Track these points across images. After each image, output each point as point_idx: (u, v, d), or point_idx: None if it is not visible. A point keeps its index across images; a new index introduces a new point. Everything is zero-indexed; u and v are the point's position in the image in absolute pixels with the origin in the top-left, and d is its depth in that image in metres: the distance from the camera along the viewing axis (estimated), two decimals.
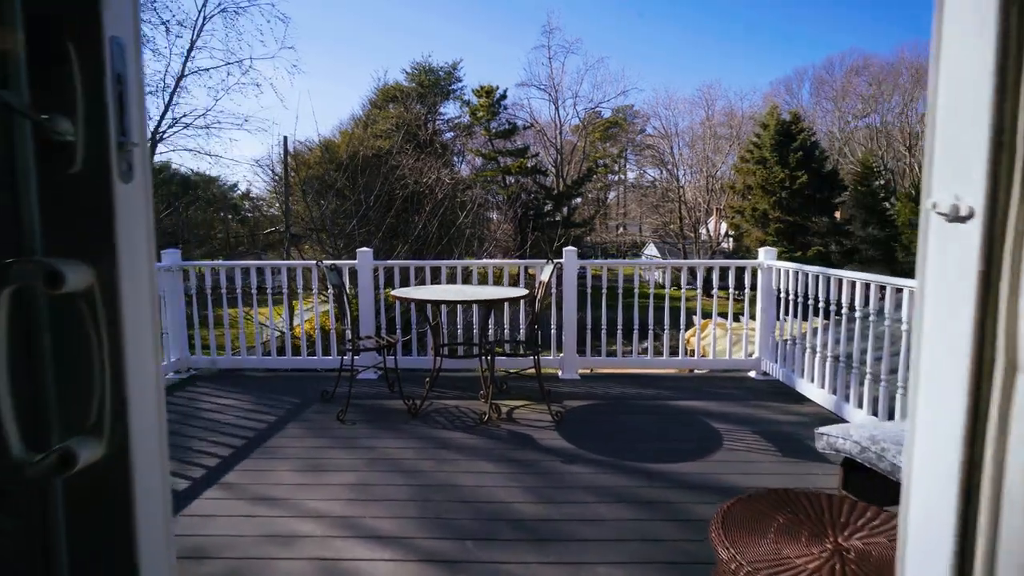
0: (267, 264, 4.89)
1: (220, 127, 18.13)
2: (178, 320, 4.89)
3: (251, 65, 15.82)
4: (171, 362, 4.87)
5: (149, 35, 15.46)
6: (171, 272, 4.81)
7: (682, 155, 45.08)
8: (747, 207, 27.47)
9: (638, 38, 64.41)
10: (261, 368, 5.07)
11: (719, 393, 4.44)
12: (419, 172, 19.29)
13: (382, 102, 33.10)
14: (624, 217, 58.52)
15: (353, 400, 4.18)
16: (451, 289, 4.24)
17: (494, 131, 34.67)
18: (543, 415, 3.89)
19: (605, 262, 4.67)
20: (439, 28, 62.96)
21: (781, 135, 26.55)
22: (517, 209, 30.56)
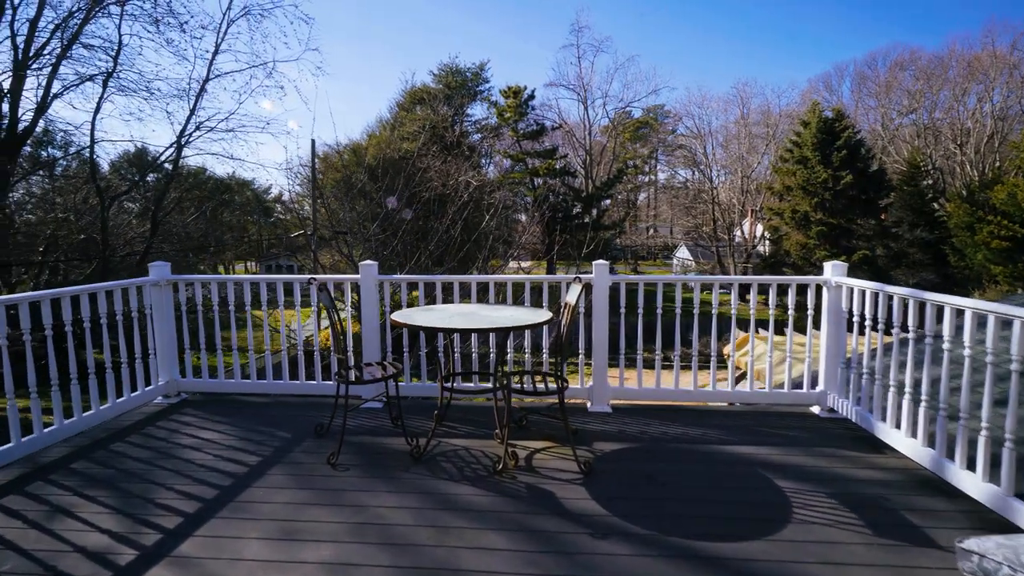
0: (262, 278, 4.41)
1: (244, 131, 18.02)
2: (167, 339, 4.46)
3: (274, 67, 15.59)
4: (159, 386, 4.43)
5: (175, 39, 15.44)
6: (159, 287, 4.37)
7: (715, 155, 43.76)
8: (786, 209, 26.19)
9: (670, 35, 63.00)
10: (258, 393, 4.60)
11: (777, 435, 3.75)
12: (445, 174, 18.88)
13: (409, 104, 32.95)
14: (655, 219, 57.23)
15: (350, 436, 3.65)
16: (464, 310, 3.66)
17: (522, 132, 34.11)
18: (568, 462, 3.28)
19: (641, 277, 4.04)
20: (467, 27, 62.85)
21: (823, 133, 25.22)
22: (545, 211, 29.90)
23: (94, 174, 14.97)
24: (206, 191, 25.31)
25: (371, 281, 4.26)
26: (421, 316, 3.38)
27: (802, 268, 25.37)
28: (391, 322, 3.35)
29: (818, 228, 24.94)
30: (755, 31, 64.37)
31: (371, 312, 4.27)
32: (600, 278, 4.13)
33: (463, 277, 4.33)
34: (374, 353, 4.34)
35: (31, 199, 21.85)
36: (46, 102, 14.84)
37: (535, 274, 27.26)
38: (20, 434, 3.32)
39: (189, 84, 15.12)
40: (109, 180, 21.74)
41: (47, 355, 3.47)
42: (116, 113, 51.48)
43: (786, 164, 27.20)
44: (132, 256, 16.08)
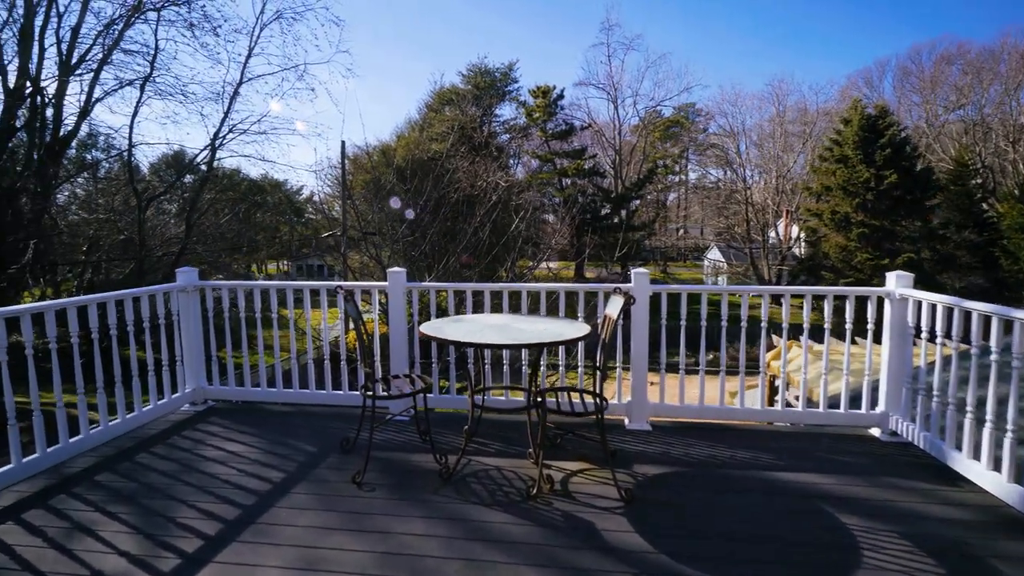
0: (289, 285, 4.30)
1: (276, 133, 18.25)
2: (194, 346, 4.39)
3: (305, 70, 15.70)
4: (185, 393, 4.37)
5: (209, 43, 15.71)
6: (186, 293, 4.31)
7: (748, 155, 42.68)
8: (825, 210, 25.27)
9: (703, 31, 61.76)
10: (283, 402, 4.49)
11: (836, 461, 3.44)
12: (474, 175, 18.80)
13: (438, 105, 33.03)
14: (685, 220, 56.14)
15: (376, 451, 3.50)
16: (496, 322, 3.47)
17: (550, 132, 33.85)
18: (607, 487, 3.05)
19: (684, 287, 3.78)
20: (496, 27, 62.82)
21: (866, 131, 24.23)
22: (574, 212, 29.58)
23: (131, 176, 15.35)
24: (240, 192, 25.82)
25: (399, 289, 4.11)
26: (451, 329, 3.20)
27: (842, 272, 24.45)
28: (419, 334, 3.18)
29: (859, 230, 23.97)
30: (791, 26, 62.64)
31: (399, 321, 4.12)
32: (640, 287, 3.88)
33: (494, 285, 4.14)
34: (402, 363, 4.18)
35: (75, 201, 22.62)
36: (88, 106, 15.26)
37: (564, 276, 26.91)
38: (46, 444, 3.26)
39: (223, 87, 15.38)
40: (148, 182, 22.35)
41: (74, 364, 3.42)
42: (153, 116, 53.13)
43: (825, 163, 26.25)
44: (168, 256, 16.44)
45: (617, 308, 3.02)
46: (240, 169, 27.48)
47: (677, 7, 62.32)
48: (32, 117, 14.35)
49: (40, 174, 13.64)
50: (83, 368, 3.44)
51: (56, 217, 17.72)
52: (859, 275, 23.89)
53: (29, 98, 14.16)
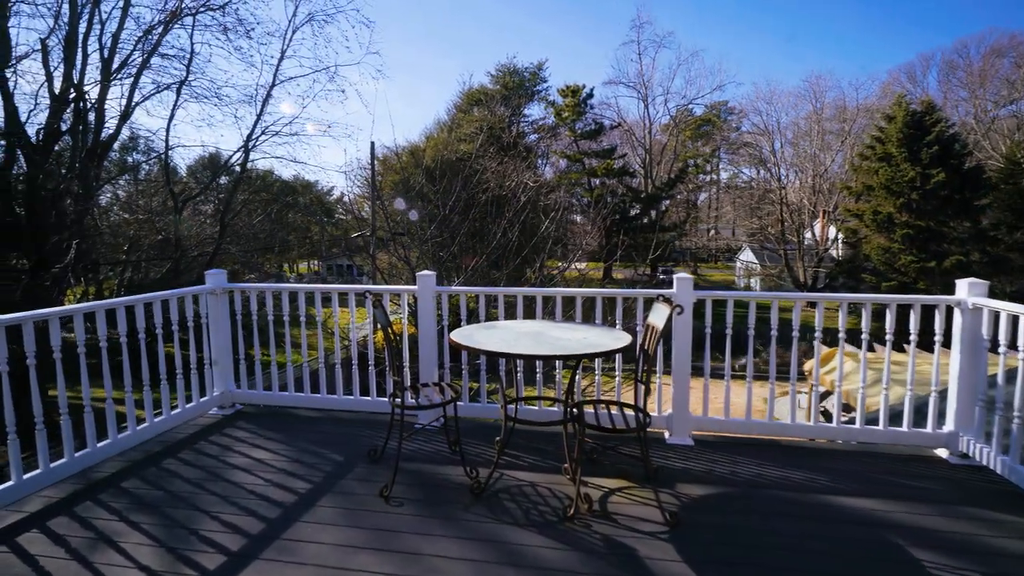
0: (317, 288, 4.21)
1: (307, 134, 18.46)
2: (223, 349, 4.33)
3: (336, 72, 15.85)
4: (213, 396, 4.31)
5: (243, 46, 15.96)
6: (215, 296, 4.25)
7: (783, 153, 41.47)
8: (867, 210, 24.29)
9: (738, 27, 60.39)
10: (311, 407, 4.40)
11: (901, 486, 3.15)
12: (502, 176, 18.66)
13: (466, 105, 33.05)
14: (716, 220, 54.92)
15: (404, 462, 3.36)
16: (530, 329, 3.29)
17: (579, 132, 33.51)
18: (649, 508, 2.84)
19: (730, 293, 3.54)
20: (526, 25, 62.61)
21: (910, 128, 23.21)
22: (604, 213, 29.20)
23: (168, 178, 15.70)
24: (272, 193, 26.28)
25: (429, 292, 3.96)
26: (483, 336, 3.03)
27: (884, 274, 23.46)
28: (449, 341, 3.02)
29: (903, 231, 22.96)
30: (829, 22, 60.75)
31: (429, 326, 3.98)
32: (683, 293, 3.65)
33: (527, 290, 3.96)
34: (431, 370, 4.04)
35: (116, 202, 23.36)
36: (129, 110, 15.68)
37: (592, 277, 26.55)
38: (74, 449, 3.22)
39: (256, 90, 15.63)
40: (185, 184, 22.95)
41: (102, 367, 3.37)
42: (188, 119, 54.55)
43: (866, 162, 25.25)
44: (203, 256, 16.79)
45: (662, 318, 2.81)
46: (273, 170, 27.99)
47: (711, 3, 61.11)
48: (76, 121, 14.81)
49: (83, 176, 14.06)
50: (111, 372, 3.40)
51: (99, 218, 18.33)
52: (903, 278, 22.89)
53: (73, 102, 14.61)
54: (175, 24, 15.37)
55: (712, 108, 43.63)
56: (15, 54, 13.52)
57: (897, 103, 24.73)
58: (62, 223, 13.50)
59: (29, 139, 14.15)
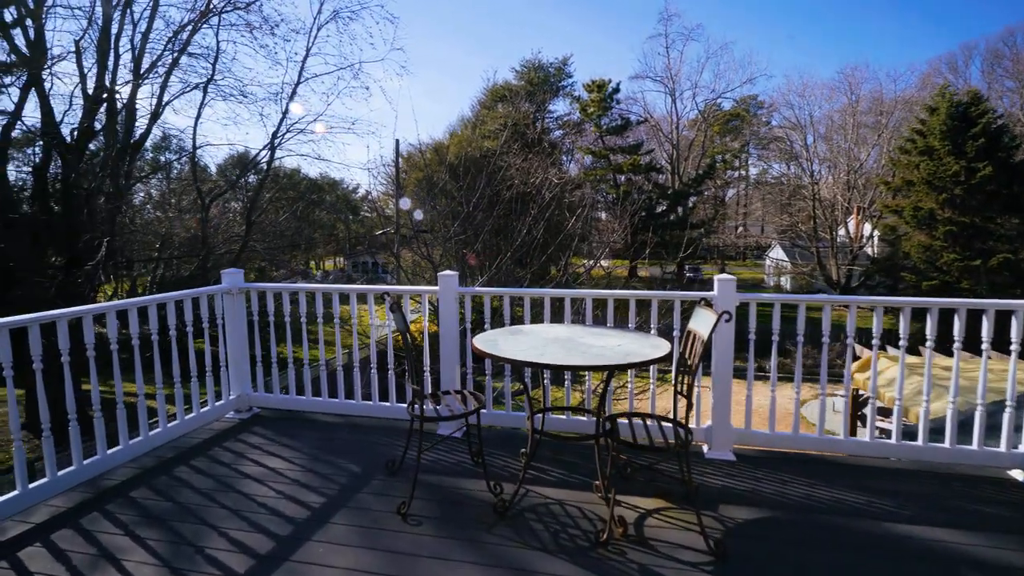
0: (336, 289, 4.03)
1: (332, 132, 18.49)
2: (240, 351, 4.20)
3: (360, 68, 15.79)
4: (229, 400, 4.18)
5: (268, 44, 16.00)
6: (231, 295, 4.12)
7: (816, 148, 40.18)
8: (907, 206, 23.30)
9: (769, 19, 58.80)
10: (329, 413, 4.23)
11: (976, 513, 2.82)
12: (526, 172, 18.41)
13: (491, 102, 32.86)
14: (745, 217, 53.60)
15: (423, 474, 3.16)
16: (559, 334, 3.04)
17: (605, 127, 33.00)
18: (691, 534, 2.58)
19: (777, 296, 3.22)
20: (550, 22, 62.04)
21: (955, 120, 22.14)
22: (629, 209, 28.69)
23: (195, 176, 15.87)
24: (299, 191, 26.54)
25: (451, 294, 3.75)
26: (508, 343, 2.80)
27: (925, 273, 22.48)
28: (473, 348, 2.80)
29: (946, 228, 21.94)
30: (867, 10, 58.66)
31: (450, 329, 3.76)
32: (725, 297, 3.36)
33: (555, 292, 3.71)
34: (453, 375, 3.83)
35: (149, 200, 23.87)
36: (159, 109, 15.90)
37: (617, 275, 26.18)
38: (83, 456, 3.10)
39: (281, 88, 15.66)
40: (215, 182, 23.30)
41: (113, 371, 3.25)
42: (215, 118, 55.47)
43: (906, 156, 24.21)
44: (229, 254, 16.97)
45: (707, 325, 2.53)
46: (300, 169, 28.24)
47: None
48: (109, 120, 15.08)
49: (114, 175, 14.30)
50: (122, 374, 3.28)
51: (132, 216, 18.72)
52: (945, 277, 21.90)
53: (105, 102, 14.87)
54: (204, 24, 15.53)
55: (741, 102, 42.57)
56: (50, 56, 13.82)
57: (940, 94, 23.64)
58: (94, 221, 13.75)
59: (64, 139, 14.46)
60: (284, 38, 17.01)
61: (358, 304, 3.94)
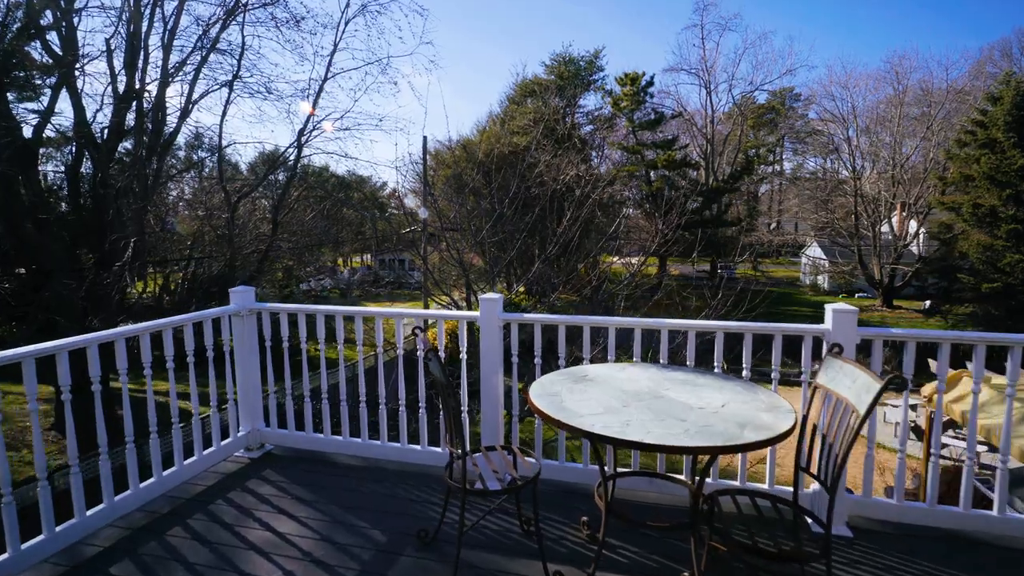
0: (358, 312, 3.45)
1: (360, 128, 18.08)
2: (250, 381, 3.66)
3: (388, 63, 15.30)
4: (238, 437, 3.65)
5: (295, 39, 15.64)
6: (241, 318, 3.57)
7: (859, 142, 38.29)
8: (965, 202, 21.77)
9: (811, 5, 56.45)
10: (351, 456, 3.65)
11: None
12: (556, 169, 17.72)
13: (520, 97, 32.13)
14: (780, 214, 51.61)
15: (466, 547, 2.55)
16: (638, 385, 2.39)
17: (638, 122, 31.95)
18: None
19: (910, 332, 2.49)
20: (582, 13, 60.75)
21: (1021, 109, 20.52)
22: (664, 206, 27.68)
23: (221, 175, 15.64)
24: (328, 189, 26.32)
25: (494, 322, 3.13)
26: (576, 400, 2.16)
27: (984, 274, 20.96)
28: (530, 404, 2.17)
29: (1010, 226, 20.38)
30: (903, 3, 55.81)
31: (493, 367, 3.14)
32: (843, 330, 2.64)
33: (621, 321, 3.03)
34: (496, 426, 3.20)
35: (181, 198, 23.94)
36: (188, 107, 15.69)
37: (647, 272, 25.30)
38: (54, 521, 2.58)
39: (308, 84, 15.31)
40: (246, 180, 23.23)
41: (95, 414, 2.73)
42: (241, 116, 55.83)
43: (965, 149, 22.63)
44: (256, 253, 16.73)
45: (863, 392, 1.83)
46: (329, 166, 28.03)
47: None
48: (139, 119, 14.93)
49: (142, 174, 14.13)
50: (107, 420, 2.76)
51: (165, 214, 18.69)
52: (1007, 279, 20.38)
53: (135, 101, 14.72)
54: (232, 21, 15.24)
55: (776, 95, 40.90)
56: (82, 56, 13.69)
57: (1004, 81, 21.97)
58: (123, 221, 13.61)
59: (95, 138, 14.37)
60: (311, 32, 16.62)
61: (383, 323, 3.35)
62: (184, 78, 15.43)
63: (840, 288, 38.05)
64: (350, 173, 30.86)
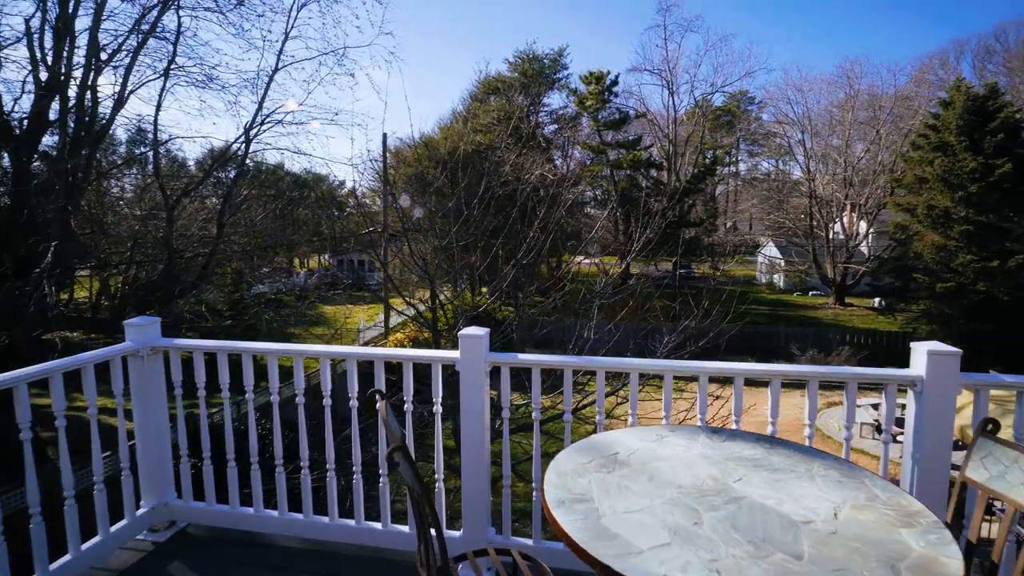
0: (298, 351, 2.64)
1: (314, 122, 16.83)
2: (154, 442, 2.79)
3: (345, 54, 14.18)
4: (138, 516, 2.77)
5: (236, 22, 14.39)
6: (139, 359, 2.70)
7: (813, 144, 39.27)
8: (920, 204, 22.28)
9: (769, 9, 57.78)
10: (291, 537, 2.83)
11: None
12: (520, 168, 17.08)
13: (483, 95, 31.32)
14: (737, 214, 52.55)
15: None
16: (695, 470, 1.69)
17: (603, 121, 31.63)
18: None
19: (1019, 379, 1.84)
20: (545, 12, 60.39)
21: (972, 114, 21.11)
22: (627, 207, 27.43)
23: (157, 171, 14.27)
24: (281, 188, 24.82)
25: (479, 365, 2.37)
26: (619, 513, 1.44)
27: (939, 274, 21.49)
28: (552, 524, 1.44)
29: (962, 227, 20.94)
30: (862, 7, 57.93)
31: (477, 426, 2.38)
32: (939, 378, 2.01)
33: (645, 364, 2.32)
34: (482, 508, 2.45)
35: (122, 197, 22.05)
36: (123, 98, 14.19)
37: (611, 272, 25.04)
38: None
39: (257, 74, 14.03)
40: (191, 178, 21.57)
41: None
42: (182, 107, 52.66)
43: (919, 152, 23.20)
44: (200, 257, 15.38)
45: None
46: (284, 164, 26.50)
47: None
48: (63, 110, 13.40)
49: (62, 172, 12.66)
50: None
51: (103, 214, 17.01)
52: (960, 279, 20.93)
53: (59, 91, 13.17)
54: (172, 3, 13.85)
55: (733, 97, 41.53)
56: None
57: (956, 87, 22.61)
58: (42, 223, 12.14)
59: (12, 130, 12.82)
60: (259, 15, 15.23)
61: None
62: (119, 64, 13.93)
63: (795, 286, 38.99)
64: (306, 171, 29.30)
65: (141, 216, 17.21)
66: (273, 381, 2.66)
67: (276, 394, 2.64)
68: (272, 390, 2.66)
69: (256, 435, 2.76)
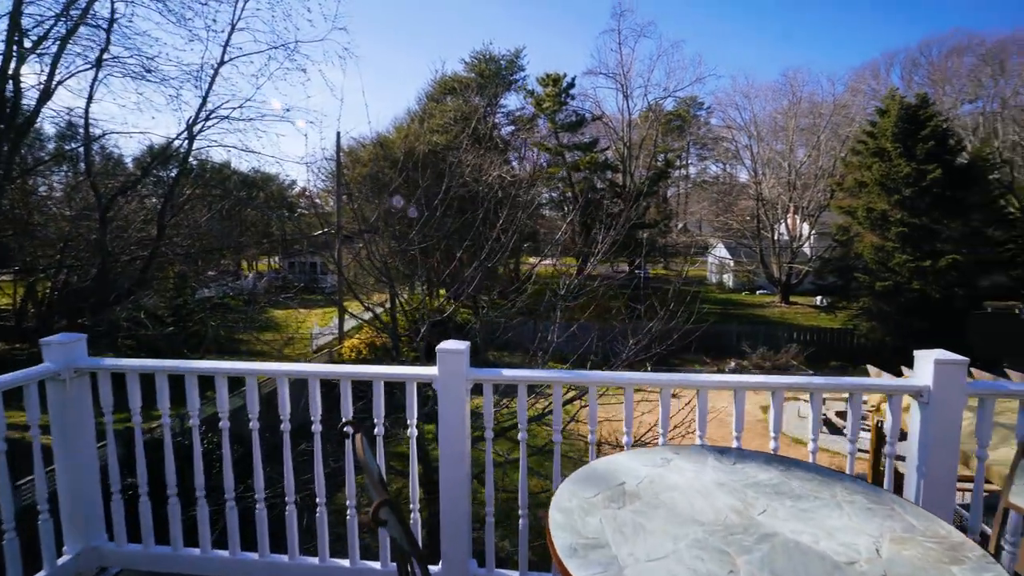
0: (248, 370, 2.34)
1: (264, 120, 16.05)
2: (80, 478, 2.42)
3: (296, 47, 13.55)
4: (60, 565, 2.39)
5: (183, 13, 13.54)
6: (60, 383, 2.33)
7: (760, 148, 40.85)
8: (859, 207, 23.39)
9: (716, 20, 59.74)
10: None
11: None
12: (478, 169, 16.86)
13: (439, 95, 30.86)
14: (687, 216, 54.05)
15: None
16: (715, 502, 1.52)
17: (560, 123, 31.76)
18: None
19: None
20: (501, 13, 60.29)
21: (905, 122, 22.32)
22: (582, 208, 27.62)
23: (89, 168, 13.26)
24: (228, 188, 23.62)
25: (460, 384, 2.14)
26: (640, 561, 1.25)
27: (877, 273, 22.61)
28: (555, 561, 1.24)
29: (898, 229, 22.09)
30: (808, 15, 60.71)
31: (457, 450, 2.15)
32: (946, 387, 1.93)
33: (643, 378, 2.15)
34: (460, 537, 2.22)
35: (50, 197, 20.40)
36: (50, 90, 13.06)
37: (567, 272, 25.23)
38: None
39: (201, 67, 13.22)
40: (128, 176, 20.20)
41: None
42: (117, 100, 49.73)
43: (859, 157, 24.36)
44: (138, 260, 14.39)
45: None
46: (231, 163, 25.27)
47: None
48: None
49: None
50: None
51: (27, 215, 15.64)
52: (896, 278, 22.09)
53: None
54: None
55: (683, 102, 42.71)
56: None
57: (890, 96, 23.88)
58: None
59: None
60: (201, 2, 14.29)
61: None
62: (45, 52, 12.81)
63: (743, 286, 40.40)
64: (255, 170, 28.04)
65: (72, 216, 15.95)
66: (222, 404, 2.34)
67: (226, 419, 2.32)
68: (221, 414, 2.34)
69: (202, 464, 2.43)
